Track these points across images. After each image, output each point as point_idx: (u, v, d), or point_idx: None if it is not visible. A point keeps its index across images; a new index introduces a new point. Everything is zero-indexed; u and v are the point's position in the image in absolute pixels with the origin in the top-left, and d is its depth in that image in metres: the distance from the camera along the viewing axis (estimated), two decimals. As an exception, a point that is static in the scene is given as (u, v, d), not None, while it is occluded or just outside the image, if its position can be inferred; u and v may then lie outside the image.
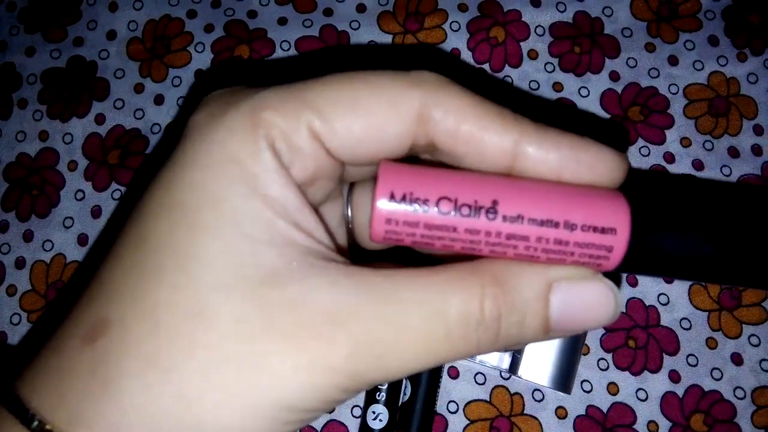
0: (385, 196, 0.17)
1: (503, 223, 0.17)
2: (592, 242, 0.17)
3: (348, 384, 0.17)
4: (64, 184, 0.38)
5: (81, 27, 0.40)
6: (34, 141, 0.38)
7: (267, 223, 0.17)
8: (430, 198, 0.17)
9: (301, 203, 0.18)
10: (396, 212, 0.17)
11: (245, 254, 0.16)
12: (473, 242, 0.17)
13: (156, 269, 0.17)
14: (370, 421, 0.33)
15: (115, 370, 0.16)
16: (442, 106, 0.17)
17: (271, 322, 0.16)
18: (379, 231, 0.17)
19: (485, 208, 0.17)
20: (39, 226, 0.37)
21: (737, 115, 0.38)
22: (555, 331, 0.18)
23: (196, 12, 0.40)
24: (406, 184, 0.17)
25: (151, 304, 0.16)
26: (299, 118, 0.17)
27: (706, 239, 0.17)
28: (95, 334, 0.17)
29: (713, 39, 0.39)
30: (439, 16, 0.39)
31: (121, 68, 0.39)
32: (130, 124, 0.38)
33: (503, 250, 0.17)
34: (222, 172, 0.17)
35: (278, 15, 0.40)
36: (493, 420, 0.34)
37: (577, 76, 0.38)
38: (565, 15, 0.39)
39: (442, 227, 0.17)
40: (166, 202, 0.17)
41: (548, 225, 0.17)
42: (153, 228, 0.17)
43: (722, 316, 0.35)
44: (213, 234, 0.16)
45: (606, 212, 0.17)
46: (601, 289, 0.18)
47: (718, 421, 0.34)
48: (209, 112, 0.18)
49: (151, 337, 0.16)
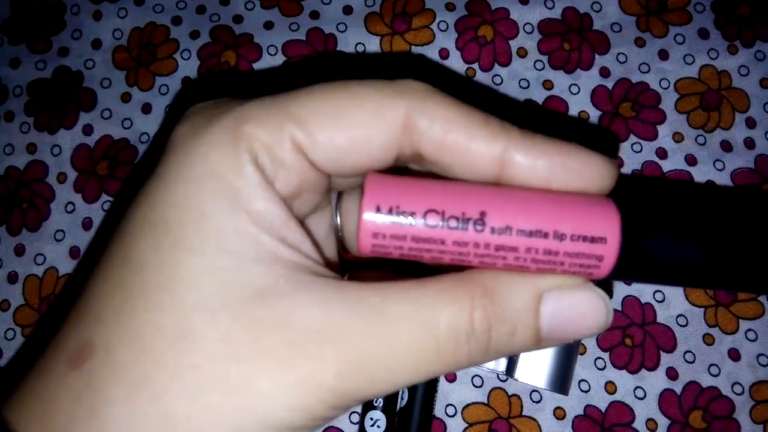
0: (371, 210, 0.17)
1: (491, 234, 0.17)
2: (582, 252, 0.17)
3: (337, 402, 0.16)
4: (54, 197, 0.37)
5: (65, 37, 0.40)
6: (22, 154, 0.38)
7: (252, 239, 0.17)
8: (417, 211, 0.17)
9: (286, 217, 0.17)
10: (383, 226, 0.17)
11: (230, 272, 0.16)
12: (462, 254, 0.17)
13: (140, 290, 0.16)
14: (368, 428, 0.33)
15: (101, 395, 0.16)
16: (428, 115, 0.17)
17: (258, 342, 0.16)
18: (366, 244, 0.17)
19: (473, 219, 0.17)
20: (30, 240, 0.37)
21: (729, 108, 0.37)
22: (546, 341, 0.18)
23: (181, 18, 0.39)
24: (392, 197, 0.17)
25: (136, 326, 0.16)
26: (281, 130, 0.17)
27: (698, 245, 0.17)
28: (80, 358, 0.16)
29: (703, 32, 0.38)
30: (427, 16, 0.39)
31: (108, 77, 0.39)
32: (118, 134, 0.38)
33: (492, 261, 0.17)
34: (204, 188, 0.17)
35: (264, 19, 0.39)
36: (492, 422, 0.34)
37: (567, 73, 0.38)
38: (553, 12, 0.39)
39: (429, 240, 0.17)
40: (149, 219, 0.17)
41: (537, 236, 0.17)
42: (136, 247, 0.17)
43: (718, 311, 0.35)
44: (197, 252, 0.16)
45: (596, 221, 0.17)
46: (592, 298, 0.18)
47: (716, 417, 0.34)
48: (192, 125, 0.18)
49: (137, 361, 0.16)
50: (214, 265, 0.16)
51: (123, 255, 0.17)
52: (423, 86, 0.18)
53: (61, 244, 0.37)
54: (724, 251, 0.17)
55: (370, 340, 0.16)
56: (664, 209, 0.18)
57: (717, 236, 0.17)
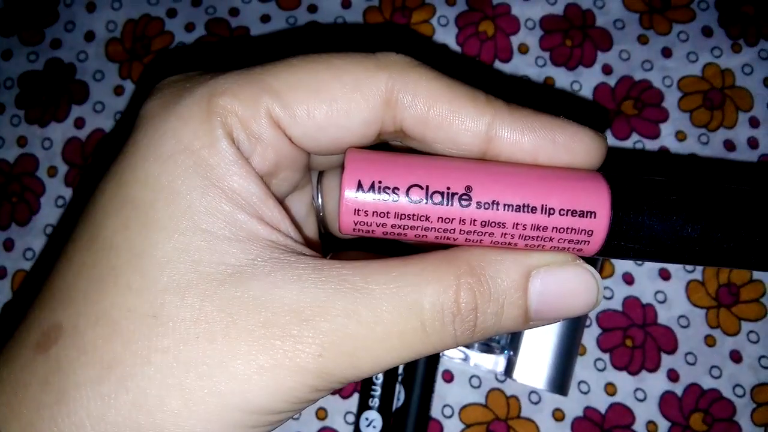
0: (352, 186, 0.16)
1: (478, 209, 0.16)
2: (572, 227, 0.16)
3: (318, 384, 0.16)
4: (45, 191, 0.37)
5: (58, 28, 0.39)
6: (12, 147, 0.37)
7: (226, 217, 0.16)
8: (400, 186, 0.16)
9: (263, 195, 0.17)
10: (365, 202, 0.16)
11: (203, 251, 0.16)
12: (447, 231, 0.16)
13: (109, 271, 0.16)
14: (364, 428, 0.32)
15: (70, 379, 0.15)
16: (411, 89, 0.17)
17: (233, 323, 0.15)
18: (347, 222, 0.16)
19: (458, 194, 0.16)
20: (19, 235, 0.36)
21: (732, 107, 0.37)
22: (535, 321, 0.17)
23: (177, 11, 0.39)
24: (374, 173, 0.16)
25: (105, 308, 0.15)
26: (258, 103, 0.16)
27: (689, 220, 0.17)
28: (48, 342, 0.16)
29: (707, 30, 0.38)
30: (427, 11, 0.38)
31: (100, 70, 0.38)
32: (110, 127, 0.37)
33: (479, 238, 0.17)
34: (175, 165, 0.16)
35: (261, 12, 0.39)
36: (489, 423, 0.33)
37: (569, 70, 0.38)
38: (555, 8, 0.38)
39: (413, 216, 0.16)
40: (118, 198, 0.16)
41: (525, 210, 0.16)
42: (104, 227, 0.16)
43: (720, 313, 0.35)
44: (168, 231, 0.16)
45: (585, 195, 0.16)
46: (582, 274, 0.17)
47: (717, 419, 0.33)
48: (162, 99, 0.17)
49: (106, 343, 0.15)
50: (186, 245, 0.15)
51: (90, 236, 0.16)
52: (405, 59, 0.17)
53: (51, 239, 0.36)
54: (716, 226, 0.17)
55: (351, 320, 0.15)
56: (654, 184, 0.17)
57: (708, 210, 0.17)
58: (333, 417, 0.34)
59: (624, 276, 0.35)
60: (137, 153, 0.16)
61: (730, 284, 0.35)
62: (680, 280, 0.35)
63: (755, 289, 0.35)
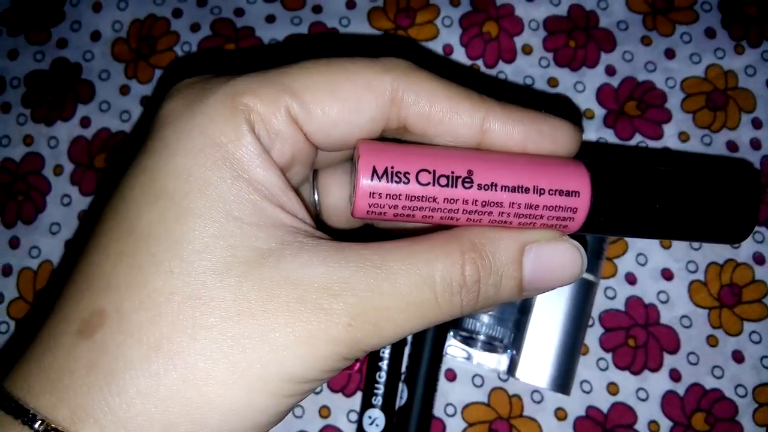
0: (367, 172, 0.18)
1: (479, 191, 0.18)
2: (559, 205, 0.19)
3: (347, 352, 0.17)
4: (50, 189, 0.37)
5: (64, 28, 0.39)
6: (18, 146, 0.37)
7: (254, 205, 0.17)
8: (410, 171, 0.18)
9: (284, 185, 0.18)
10: (379, 186, 0.18)
11: (237, 237, 0.17)
12: (452, 211, 0.18)
13: (149, 258, 0.17)
14: (367, 426, 0.32)
15: (119, 361, 0.16)
16: (414, 89, 0.19)
17: (270, 299, 0.17)
18: (362, 206, 0.18)
19: (462, 177, 0.18)
20: (25, 233, 0.36)
21: (735, 108, 0.37)
22: (528, 291, 0.19)
23: (182, 11, 0.39)
24: (386, 160, 0.18)
25: (148, 292, 0.16)
26: (278, 102, 0.18)
27: (656, 196, 0.19)
28: (91, 327, 0.16)
29: (710, 31, 0.38)
30: (431, 12, 0.39)
31: (106, 69, 0.38)
32: (116, 126, 0.38)
33: (479, 218, 0.19)
34: (206, 158, 0.17)
35: (266, 13, 0.39)
36: (492, 422, 0.34)
37: (572, 71, 0.38)
38: (559, 9, 0.39)
39: (422, 198, 0.18)
40: (152, 190, 0.17)
41: (519, 191, 0.18)
42: (140, 217, 0.17)
43: (723, 313, 0.35)
44: (203, 220, 0.17)
45: (569, 177, 0.19)
46: (568, 248, 0.19)
47: (719, 419, 0.33)
48: (184, 99, 0.18)
49: (152, 325, 0.16)
50: (221, 231, 0.17)
51: (126, 226, 0.17)
52: (407, 63, 0.19)
53: (57, 237, 0.36)
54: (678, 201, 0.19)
55: (375, 293, 0.17)
56: (626, 168, 0.20)
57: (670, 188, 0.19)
58: (336, 415, 0.34)
59: (627, 276, 0.35)
60: (167, 148, 0.17)
61: (732, 284, 0.35)
62: (683, 281, 0.35)
63: (757, 290, 0.35)
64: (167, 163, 0.17)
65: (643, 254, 0.35)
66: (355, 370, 0.34)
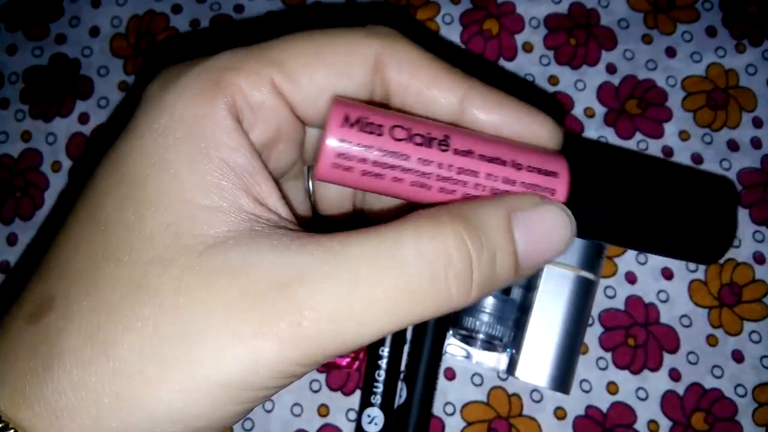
0: (339, 118, 0.16)
1: (455, 155, 0.17)
2: (537, 184, 0.18)
3: (299, 356, 0.15)
4: (48, 186, 0.37)
5: (63, 24, 0.39)
6: (16, 141, 0.37)
7: (211, 186, 0.16)
8: (385, 124, 0.17)
9: (253, 168, 0.17)
10: (350, 133, 0.16)
11: (186, 222, 0.16)
12: (425, 175, 0.17)
13: (103, 246, 0.16)
14: (366, 425, 0.32)
15: (56, 347, 0.15)
16: (398, 57, 0.18)
17: (211, 293, 0.15)
18: (330, 156, 0.16)
19: (438, 140, 0.17)
20: (23, 229, 0.36)
21: (736, 107, 0.37)
22: (523, 267, 0.17)
23: (181, 7, 0.39)
24: (360, 111, 0.17)
25: (95, 280, 0.16)
26: (260, 74, 0.17)
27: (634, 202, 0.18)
28: (40, 313, 0.16)
29: (711, 30, 0.38)
30: (431, 9, 0.38)
31: (105, 65, 0.38)
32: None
33: (453, 187, 0.17)
34: (167, 137, 0.16)
35: (265, 9, 0.39)
36: (491, 421, 0.34)
37: (573, 69, 0.38)
38: (560, 6, 0.38)
39: (395, 155, 0.17)
40: (116, 176, 0.17)
41: (497, 162, 0.17)
42: (102, 204, 0.16)
43: (723, 312, 0.35)
44: (156, 205, 0.16)
45: (548, 159, 0.18)
46: (556, 211, 0.17)
47: (719, 419, 0.33)
48: (162, 81, 0.17)
49: (92, 313, 0.15)
50: (171, 218, 0.16)
51: (89, 213, 0.17)
52: (393, 31, 0.18)
53: (55, 234, 0.36)
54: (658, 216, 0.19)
55: (329, 284, 0.15)
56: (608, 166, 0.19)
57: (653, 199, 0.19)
58: (335, 414, 0.34)
59: (626, 275, 0.35)
60: (134, 130, 0.17)
61: (732, 284, 0.35)
62: (683, 280, 0.35)
63: (757, 289, 0.35)
64: (132, 147, 0.16)
65: (643, 253, 0.35)
66: (354, 368, 0.34)
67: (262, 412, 0.34)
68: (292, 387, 0.16)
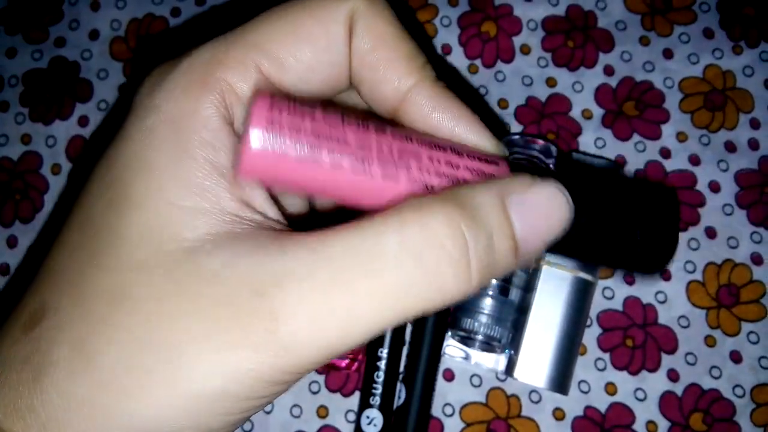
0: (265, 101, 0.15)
1: (394, 139, 0.16)
2: (481, 169, 0.17)
3: (283, 363, 0.14)
4: (48, 189, 0.37)
5: (63, 27, 0.39)
6: (16, 144, 0.37)
7: (193, 187, 0.15)
8: (316, 106, 0.16)
9: None
10: (280, 105, 0.15)
11: (168, 227, 0.15)
12: (365, 160, 0.15)
13: (92, 253, 0.16)
14: (365, 426, 0.32)
15: (46, 358, 0.15)
16: (366, 23, 0.17)
17: (191, 301, 0.14)
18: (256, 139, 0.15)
19: (374, 125, 0.16)
20: (23, 232, 0.36)
21: (733, 108, 0.37)
22: (522, 252, 0.16)
23: (180, 10, 0.39)
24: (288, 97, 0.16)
25: (84, 288, 0.15)
26: (245, 63, 0.16)
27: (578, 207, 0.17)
28: (33, 321, 0.16)
29: (708, 32, 0.38)
30: (429, 12, 0.39)
31: (104, 68, 0.38)
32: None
33: (396, 172, 0.16)
34: (152, 138, 0.16)
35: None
36: (490, 422, 0.34)
37: (570, 71, 0.38)
38: (557, 9, 0.39)
39: (330, 132, 0.15)
40: (106, 181, 0.16)
41: (437, 149, 0.16)
42: (93, 209, 0.16)
43: (721, 313, 0.35)
44: (139, 210, 0.15)
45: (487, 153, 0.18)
46: (551, 190, 0.16)
47: (717, 419, 0.33)
48: (152, 80, 0.17)
49: (79, 323, 0.15)
50: (154, 222, 0.15)
51: (81, 219, 0.17)
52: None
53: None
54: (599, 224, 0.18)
55: (307, 286, 0.14)
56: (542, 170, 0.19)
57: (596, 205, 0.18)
58: (334, 415, 0.34)
59: (625, 276, 0.35)
60: (123, 133, 0.16)
61: (730, 285, 0.35)
62: (680, 281, 0.35)
63: (755, 290, 0.35)
64: (121, 150, 0.16)
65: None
66: (353, 369, 0.34)
67: (262, 414, 0.34)
68: (291, 388, 0.16)
